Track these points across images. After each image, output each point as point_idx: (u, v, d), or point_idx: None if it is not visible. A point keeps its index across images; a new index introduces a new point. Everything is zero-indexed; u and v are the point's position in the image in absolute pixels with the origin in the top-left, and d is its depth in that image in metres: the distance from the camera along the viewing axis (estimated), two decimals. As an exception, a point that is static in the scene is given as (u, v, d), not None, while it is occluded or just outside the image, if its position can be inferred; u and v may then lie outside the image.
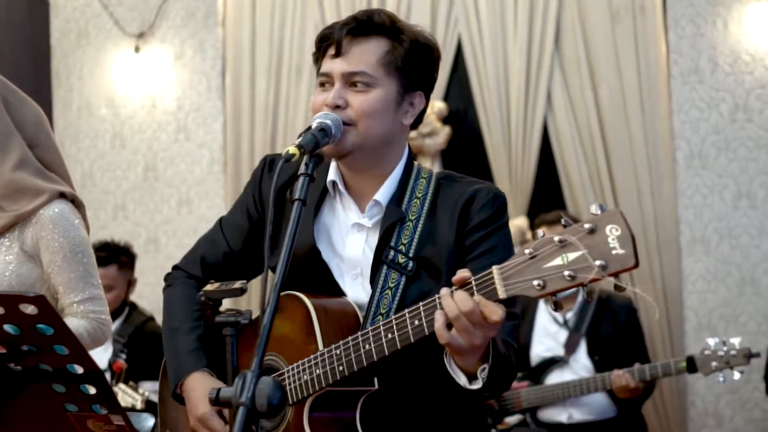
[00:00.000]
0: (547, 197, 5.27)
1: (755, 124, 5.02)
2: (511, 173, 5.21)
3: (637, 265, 1.43)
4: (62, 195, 2.33)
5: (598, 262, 1.45)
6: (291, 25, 5.60)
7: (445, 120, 5.39)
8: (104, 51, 5.92)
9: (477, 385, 1.72)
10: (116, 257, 4.39)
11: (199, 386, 1.96)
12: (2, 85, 2.36)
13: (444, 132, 5.35)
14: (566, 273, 1.48)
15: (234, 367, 1.55)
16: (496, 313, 1.57)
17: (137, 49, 5.82)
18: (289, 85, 5.59)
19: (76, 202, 2.38)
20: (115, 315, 4.17)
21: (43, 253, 2.29)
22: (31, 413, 1.74)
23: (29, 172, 2.30)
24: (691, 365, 3.78)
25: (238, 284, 1.54)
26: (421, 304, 1.69)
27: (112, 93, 5.86)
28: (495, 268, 1.57)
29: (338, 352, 1.80)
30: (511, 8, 5.27)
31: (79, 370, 1.62)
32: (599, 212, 1.48)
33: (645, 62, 5.10)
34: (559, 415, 4.05)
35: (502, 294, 1.55)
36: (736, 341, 3.74)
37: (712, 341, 3.77)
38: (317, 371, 1.82)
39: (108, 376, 4.00)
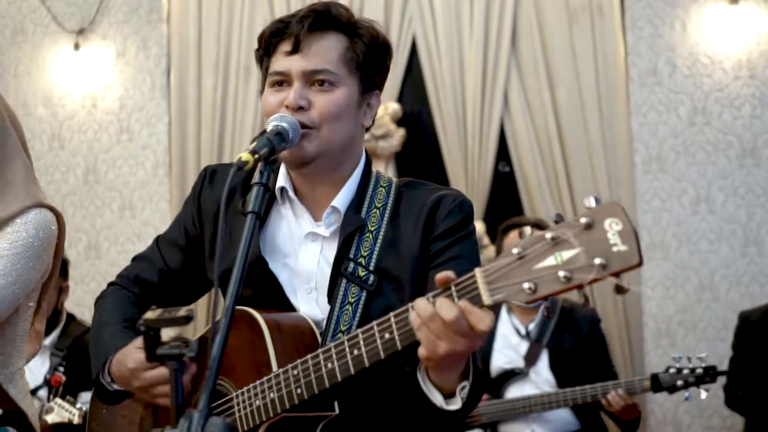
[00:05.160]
0: (504, 200, 5.14)
1: (714, 127, 4.94)
2: (468, 176, 5.07)
3: (641, 263, 1.26)
4: (48, 207, 2.03)
5: (597, 261, 1.27)
6: (239, 21, 5.39)
7: (400, 122, 5.22)
8: (42, 48, 5.64)
9: (455, 406, 1.55)
10: None
11: (127, 353, 1.73)
12: None
13: (398, 134, 5.19)
14: (561, 274, 1.30)
15: (179, 405, 1.35)
16: (483, 321, 1.39)
17: (77, 46, 5.55)
18: (237, 84, 5.37)
19: (59, 220, 2.07)
20: (49, 325, 3.90)
21: None
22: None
23: (22, 172, 2.02)
24: (656, 384, 3.64)
25: (183, 311, 1.33)
26: (392, 314, 1.50)
27: (50, 92, 5.57)
28: (478, 271, 1.38)
29: (296, 372, 1.61)
30: (466, 8, 5.13)
31: (-1, 412, 1.42)
32: (595, 205, 1.30)
33: (603, 63, 4.99)
34: (522, 430, 3.87)
35: (487, 300, 1.38)
36: (702, 357, 3.61)
37: (677, 357, 3.64)
38: (271, 395, 1.63)
39: (45, 390, 3.78)
